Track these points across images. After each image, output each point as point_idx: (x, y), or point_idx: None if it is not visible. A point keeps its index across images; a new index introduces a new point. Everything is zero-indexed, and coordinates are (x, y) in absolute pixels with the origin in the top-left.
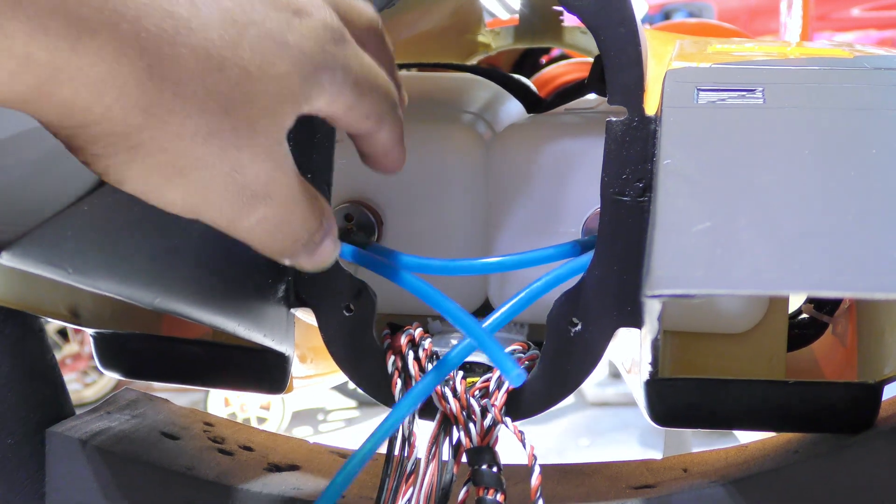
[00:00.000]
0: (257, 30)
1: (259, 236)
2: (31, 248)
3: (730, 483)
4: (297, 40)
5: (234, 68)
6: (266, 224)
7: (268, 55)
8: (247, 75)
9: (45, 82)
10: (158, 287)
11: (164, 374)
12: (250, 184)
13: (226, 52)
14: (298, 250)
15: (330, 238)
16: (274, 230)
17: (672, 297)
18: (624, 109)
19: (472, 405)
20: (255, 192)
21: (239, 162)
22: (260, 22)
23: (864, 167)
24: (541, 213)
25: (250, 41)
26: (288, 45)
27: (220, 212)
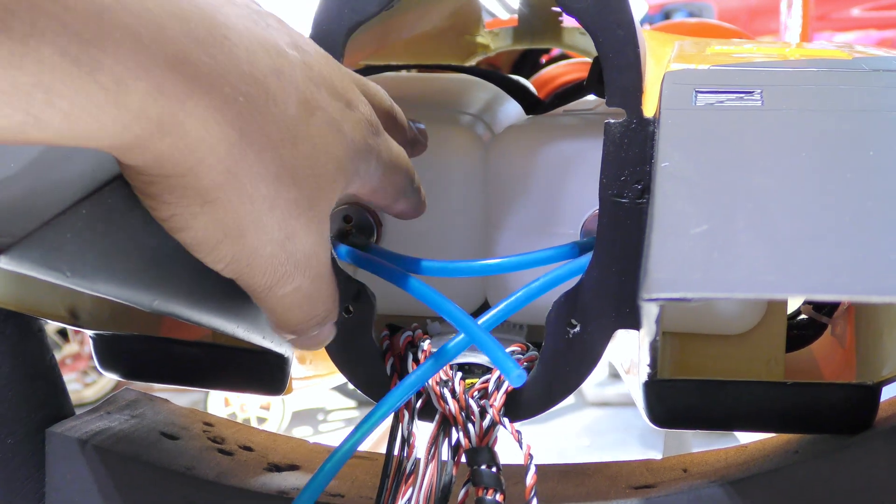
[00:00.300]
0: (323, 114)
1: (286, 306)
2: (29, 252)
3: (729, 483)
4: (349, 129)
5: (306, 144)
6: (297, 295)
7: (329, 138)
8: (314, 152)
9: (149, 135)
10: (157, 290)
11: (163, 375)
12: (296, 254)
13: (300, 128)
14: (311, 328)
15: (332, 322)
16: (301, 302)
17: (669, 300)
18: (622, 111)
19: (471, 406)
20: (297, 263)
21: (293, 231)
22: (325, 107)
23: (862, 169)
24: (539, 215)
25: (317, 123)
26: (343, 132)
27: (261, 276)
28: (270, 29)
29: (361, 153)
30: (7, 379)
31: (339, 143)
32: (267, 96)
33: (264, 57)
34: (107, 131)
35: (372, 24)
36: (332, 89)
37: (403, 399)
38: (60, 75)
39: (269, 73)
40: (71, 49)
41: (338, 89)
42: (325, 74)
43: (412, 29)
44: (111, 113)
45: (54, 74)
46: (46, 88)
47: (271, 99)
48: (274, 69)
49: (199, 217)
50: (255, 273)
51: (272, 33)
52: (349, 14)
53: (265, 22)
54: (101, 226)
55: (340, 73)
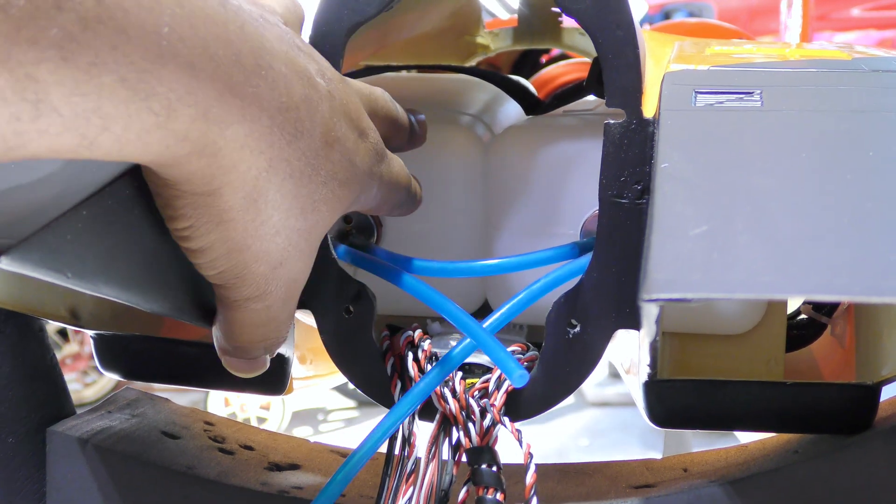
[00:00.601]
0: (340, 147)
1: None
2: (30, 253)
3: (730, 483)
4: (360, 161)
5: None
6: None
7: (342, 172)
8: (325, 186)
9: (187, 155)
10: (158, 290)
11: (163, 375)
12: (283, 277)
13: (320, 161)
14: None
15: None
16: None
17: (669, 300)
18: (622, 112)
19: (472, 405)
20: (279, 285)
21: (289, 257)
22: (342, 141)
23: (861, 170)
24: (539, 215)
25: (335, 156)
26: (355, 164)
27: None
28: (301, 55)
29: (365, 182)
30: (8, 378)
31: (350, 175)
32: (296, 128)
33: (298, 86)
34: (150, 151)
35: (371, 25)
36: (349, 119)
37: (412, 409)
38: (118, 102)
39: (300, 102)
40: (130, 77)
41: (353, 119)
42: (345, 103)
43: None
44: (157, 135)
45: (112, 101)
46: (104, 114)
47: (299, 131)
48: (305, 98)
49: (211, 234)
50: (241, 286)
51: (303, 60)
52: (349, 15)
53: (297, 46)
54: (101, 227)
55: (355, 99)
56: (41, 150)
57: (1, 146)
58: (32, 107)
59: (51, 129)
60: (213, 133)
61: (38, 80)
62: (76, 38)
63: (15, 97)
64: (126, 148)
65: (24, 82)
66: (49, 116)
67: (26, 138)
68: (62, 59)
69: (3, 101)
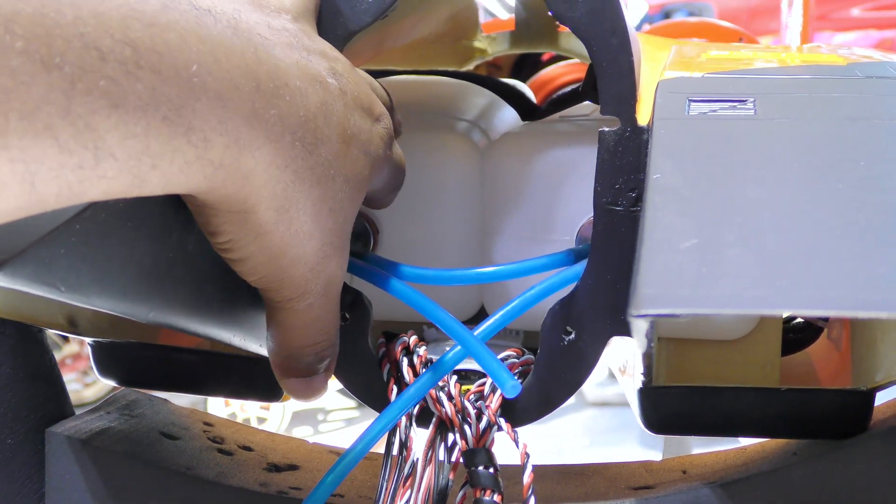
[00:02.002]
0: (357, 142)
1: (293, 323)
2: (23, 268)
3: (728, 485)
4: (374, 149)
5: (339, 178)
6: (309, 313)
7: (360, 166)
8: (346, 183)
9: (223, 181)
10: (153, 301)
11: (161, 382)
12: (322, 276)
13: (339, 163)
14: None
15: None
16: (308, 322)
17: (657, 316)
18: (616, 119)
19: (467, 408)
20: (319, 282)
21: (325, 256)
22: (358, 135)
23: (853, 180)
24: (535, 221)
25: (353, 153)
26: (370, 154)
27: (286, 291)
28: (312, 58)
29: (378, 167)
30: (7, 379)
31: (367, 166)
32: (316, 138)
33: (313, 95)
34: (191, 181)
35: (367, 33)
36: (362, 109)
37: (403, 412)
38: (163, 140)
39: (317, 111)
40: (170, 116)
41: (365, 107)
42: (357, 95)
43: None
44: (197, 166)
45: (159, 140)
46: (152, 153)
47: (319, 139)
48: (320, 105)
49: (249, 246)
50: (282, 289)
51: (314, 64)
52: (344, 24)
53: (307, 50)
54: (95, 240)
55: (366, 88)
56: (98, 193)
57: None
58: (92, 154)
59: (108, 174)
60: (244, 158)
61: (95, 128)
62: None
63: (78, 147)
64: (171, 182)
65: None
66: (107, 161)
67: (87, 185)
68: (113, 105)
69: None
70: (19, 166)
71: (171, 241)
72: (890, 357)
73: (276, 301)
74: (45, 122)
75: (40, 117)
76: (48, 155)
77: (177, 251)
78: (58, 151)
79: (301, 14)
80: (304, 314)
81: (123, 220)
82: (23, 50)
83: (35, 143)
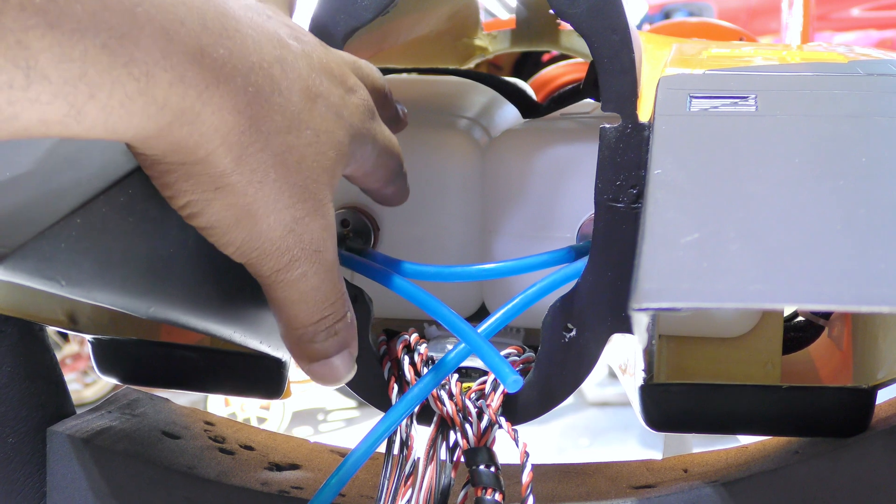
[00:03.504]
0: (324, 101)
1: (292, 298)
2: (24, 262)
3: (730, 483)
4: (349, 114)
5: (308, 130)
6: (303, 284)
7: (331, 124)
8: (316, 138)
9: (168, 125)
10: (153, 297)
11: (161, 379)
12: (303, 238)
13: (304, 116)
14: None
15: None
16: (308, 294)
17: (658, 310)
18: (618, 116)
19: (468, 407)
20: (304, 248)
21: (300, 216)
22: (326, 94)
23: (853, 176)
24: (536, 219)
25: (319, 110)
26: (343, 117)
27: (269, 260)
28: (271, 20)
29: (359, 137)
30: (8, 378)
31: (340, 128)
32: (272, 86)
33: (269, 47)
34: (133, 122)
35: (368, 29)
36: (332, 76)
37: (406, 413)
38: (102, 68)
39: (273, 62)
40: (110, 43)
41: (337, 76)
42: (325, 62)
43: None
44: (139, 103)
45: (97, 67)
46: (90, 81)
47: (276, 88)
48: (278, 59)
49: (212, 203)
50: (264, 257)
51: (273, 24)
52: (345, 20)
53: (265, 13)
54: (95, 235)
55: (338, 59)
56: (32, 121)
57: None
58: (24, 74)
59: (41, 98)
60: (190, 97)
61: (28, 46)
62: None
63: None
64: (112, 118)
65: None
66: (40, 84)
67: (18, 108)
68: (48, 25)
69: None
70: None
71: (171, 236)
72: (891, 355)
73: (266, 276)
74: None
75: None
76: None
77: (177, 246)
78: None
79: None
80: (299, 286)
81: (124, 215)
82: None
83: None
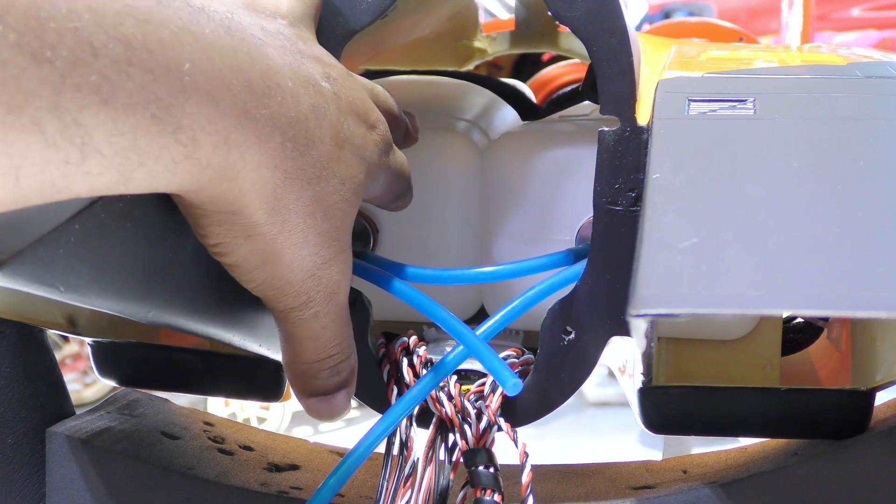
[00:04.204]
0: (350, 146)
1: (302, 334)
2: (22, 268)
3: (729, 484)
4: (369, 154)
5: (334, 180)
6: (315, 324)
7: (354, 168)
8: (341, 185)
9: (210, 181)
10: (152, 301)
11: (161, 382)
12: (322, 281)
13: (331, 165)
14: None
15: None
16: (318, 333)
17: (656, 316)
18: (616, 119)
19: (467, 408)
20: (321, 290)
21: (323, 261)
22: (351, 139)
23: (852, 180)
24: (535, 221)
25: (346, 156)
26: (365, 158)
27: (287, 299)
28: (305, 62)
29: (375, 172)
30: (7, 379)
31: (361, 171)
32: (307, 139)
33: (304, 97)
34: (178, 180)
35: (367, 32)
36: (357, 116)
37: (405, 414)
38: (150, 138)
39: (309, 113)
40: (159, 113)
41: (360, 114)
42: (351, 100)
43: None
44: (185, 166)
45: (146, 138)
46: (139, 150)
47: (310, 140)
48: (313, 107)
49: (242, 247)
50: (282, 296)
51: (307, 67)
52: (343, 24)
53: (299, 51)
54: (94, 241)
55: (361, 93)
56: (83, 190)
57: (49, 189)
58: (79, 150)
59: (94, 170)
60: (232, 157)
61: (83, 124)
62: (112, 81)
63: (64, 142)
64: (157, 180)
65: (72, 128)
66: (93, 158)
67: (71, 180)
68: (102, 102)
69: (54, 148)
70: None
71: (169, 241)
72: (889, 357)
73: (280, 311)
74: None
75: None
76: (34, 150)
77: (176, 252)
78: (44, 146)
79: (298, 19)
80: (310, 325)
81: (122, 221)
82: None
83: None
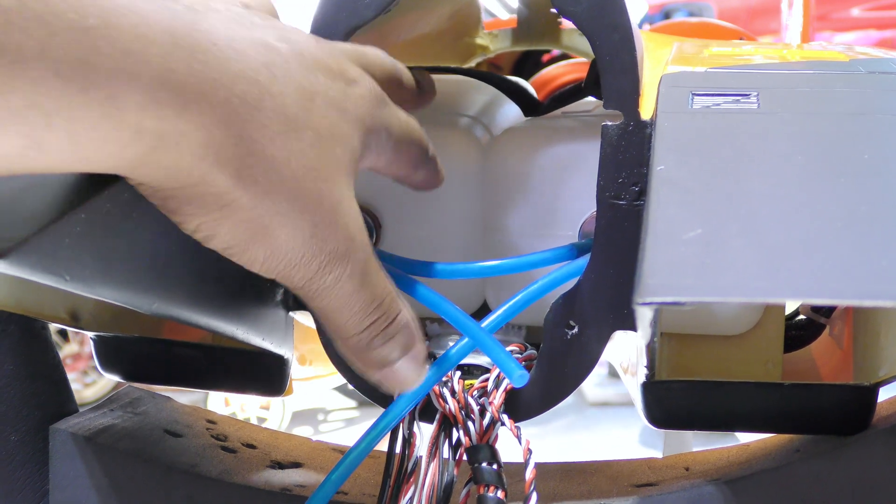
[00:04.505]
0: (323, 98)
1: (332, 306)
2: (28, 256)
3: (731, 482)
4: (353, 107)
5: (308, 131)
6: (340, 289)
7: (334, 120)
8: (319, 138)
9: (153, 150)
10: (156, 293)
11: (163, 376)
12: (328, 243)
13: (301, 117)
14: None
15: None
16: (347, 297)
17: (662, 304)
18: (619, 114)
19: (471, 404)
20: (331, 252)
21: (319, 219)
22: (324, 91)
23: (855, 173)
24: (538, 217)
25: (318, 108)
26: (347, 111)
27: (298, 270)
28: (255, 27)
29: (370, 128)
30: (10, 376)
31: (344, 123)
32: (261, 91)
33: (253, 54)
34: (108, 150)
35: (370, 28)
36: (329, 71)
37: (409, 407)
38: (53, 95)
39: (260, 68)
40: (62, 69)
41: (334, 69)
42: (319, 57)
43: (411, 31)
44: (107, 129)
45: (48, 95)
46: (42, 109)
47: (266, 93)
48: (265, 64)
49: (222, 222)
50: (290, 268)
51: (258, 31)
52: (346, 18)
53: (250, 21)
54: (99, 230)
55: (334, 51)
56: None
57: None
58: None
59: None
60: (168, 118)
61: None
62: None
63: None
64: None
65: None
66: None
67: None
68: None
69: None
70: None
71: (174, 232)
72: (892, 353)
73: (300, 287)
74: None
75: None
76: None
77: (180, 243)
78: None
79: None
80: (334, 292)
81: (127, 212)
82: None
83: None
